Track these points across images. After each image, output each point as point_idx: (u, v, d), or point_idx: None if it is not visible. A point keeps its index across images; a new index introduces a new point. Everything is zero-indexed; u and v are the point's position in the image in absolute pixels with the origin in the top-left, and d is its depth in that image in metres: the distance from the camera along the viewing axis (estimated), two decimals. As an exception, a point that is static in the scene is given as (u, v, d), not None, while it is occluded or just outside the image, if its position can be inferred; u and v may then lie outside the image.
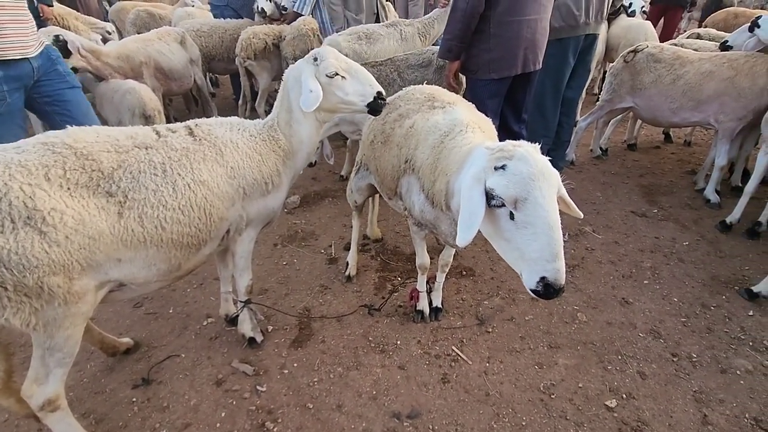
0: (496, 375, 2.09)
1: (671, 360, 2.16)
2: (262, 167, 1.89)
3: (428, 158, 1.79)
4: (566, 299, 2.56)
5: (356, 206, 2.62)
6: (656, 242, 3.08)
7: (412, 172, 1.91)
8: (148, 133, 1.69)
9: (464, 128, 1.78)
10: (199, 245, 1.71)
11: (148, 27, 5.78)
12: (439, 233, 1.96)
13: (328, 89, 1.87)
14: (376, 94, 1.89)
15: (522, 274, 1.32)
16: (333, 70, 1.82)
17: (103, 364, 2.14)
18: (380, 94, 1.90)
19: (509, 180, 1.26)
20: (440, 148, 1.77)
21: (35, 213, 1.30)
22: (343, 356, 2.19)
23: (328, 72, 1.82)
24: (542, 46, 2.93)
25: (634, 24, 5.02)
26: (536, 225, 1.24)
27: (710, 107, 3.27)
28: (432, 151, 1.79)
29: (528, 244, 1.26)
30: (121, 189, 1.49)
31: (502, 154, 1.31)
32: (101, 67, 3.43)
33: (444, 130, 1.81)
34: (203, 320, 2.42)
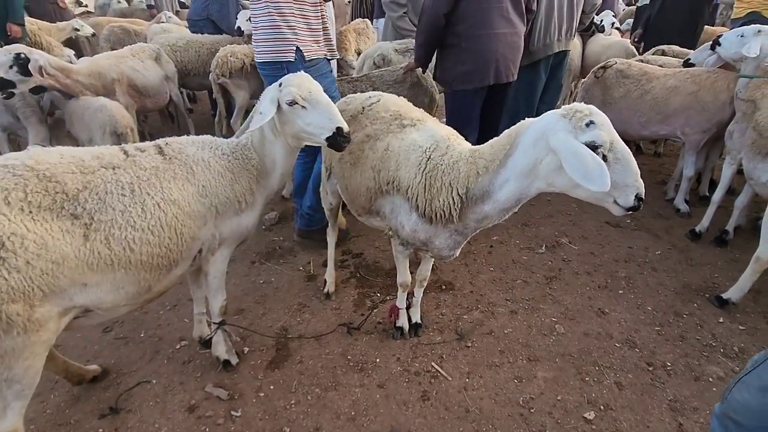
0: (475, 390, 2.07)
1: (647, 369, 2.19)
2: (234, 185, 1.86)
3: (416, 177, 1.83)
4: (544, 311, 2.58)
5: (331, 209, 2.61)
6: (630, 252, 3.15)
7: (397, 192, 1.92)
8: (115, 152, 1.65)
9: (448, 141, 1.86)
10: (170, 266, 1.67)
11: (122, 43, 5.70)
12: (431, 248, 1.97)
13: (290, 116, 1.83)
14: (335, 129, 1.80)
15: (617, 200, 1.54)
16: (291, 98, 1.78)
17: (68, 393, 2.04)
18: (340, 130, 1.81)
19: (602, 130, 1.46)
20: (431, 165, 1.81)
21: (-8, 239, 1.25)
22: (321, 376, 2.15)
23: (287, 99, 1.80)
24: (515, 60, 3.03)
25: (614, 42, 5.20)
26: (625, 158, 1.50)
27: (677, 120, 3.39)
28: (418, 169, 1.83)
29: (623, 175, 1.50)
30: (87, 210, 1.45)
31: (582, 115, 1.49)
32: (71, 84, 3.35)
33: (426, 147, 1.86)
34: (176, 343, 2.34)
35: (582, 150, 1.42)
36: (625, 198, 1.53)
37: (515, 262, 3.03)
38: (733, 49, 2.97)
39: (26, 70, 3.10)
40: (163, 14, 8.03)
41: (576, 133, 1.47)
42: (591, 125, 1.46)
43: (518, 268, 2.98)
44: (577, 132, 1.47)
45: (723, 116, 3.19)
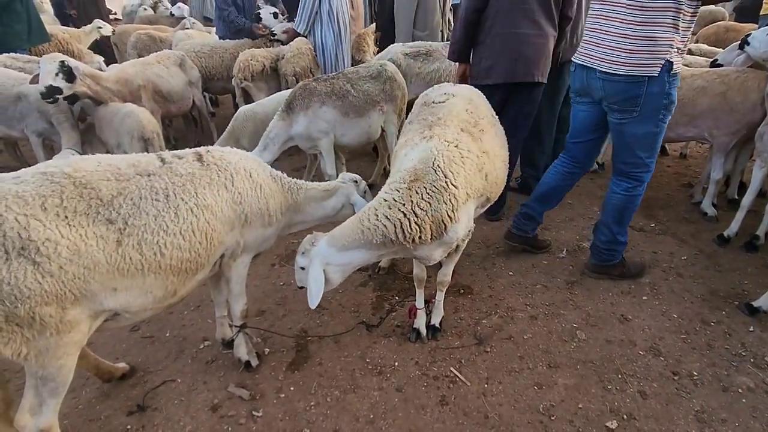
0: (494, 396, 2.06)
1: (672, 378, 2.13)
2: (270, 200, 1.98)
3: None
4: (565, 317, 2.54)
5: None
6: (654, 257, 3.07)
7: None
8: (151, 160, 1.71)
9: (403, 178, 1.88)
10: (196, 270, 1.72)
11: (149, 50, 5.88)
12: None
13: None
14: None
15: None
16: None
17: (99, 390, 2.12)
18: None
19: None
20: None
21: (29, 244, 1.31)
22: (340, 379, 2.17)
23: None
24: (538, 61, 3.03)
25: None
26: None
27: (704, 122, 3.29)
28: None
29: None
30: (122, 216, 1.51)
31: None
32: (101, 91, 3.49)
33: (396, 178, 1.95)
34: (200, 343, 2.40)
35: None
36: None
37: (535, 267, 3.00)
38: (763, 48, 2.88)
39: (71, 76, 3.24)
40: (187, 20, 8.25)
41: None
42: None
43: (538, 272, 2.94)
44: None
45: (753, 117, 3.09)
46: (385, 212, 1.80)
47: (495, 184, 2.13)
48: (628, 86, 2.30)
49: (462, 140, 1.97)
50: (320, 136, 3.42)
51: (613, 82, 2.34)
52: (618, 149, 2.57)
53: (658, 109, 2.34)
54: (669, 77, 2.27)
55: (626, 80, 2.29)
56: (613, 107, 2.42)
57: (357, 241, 1.82)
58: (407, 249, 1.86)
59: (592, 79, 2.44)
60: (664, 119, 2.39)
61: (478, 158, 1.98)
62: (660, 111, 2.35)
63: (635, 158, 2.49)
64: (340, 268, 1.88)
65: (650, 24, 2.19)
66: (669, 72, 2.26)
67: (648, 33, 2.20)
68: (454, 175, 1.84)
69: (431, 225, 1.81)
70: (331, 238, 1.85)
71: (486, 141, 2.08)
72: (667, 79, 2.27)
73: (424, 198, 1.80)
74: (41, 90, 3.08)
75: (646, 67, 2.25)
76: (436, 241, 1.88)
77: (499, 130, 2.33)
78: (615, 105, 2.40)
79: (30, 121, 3.64)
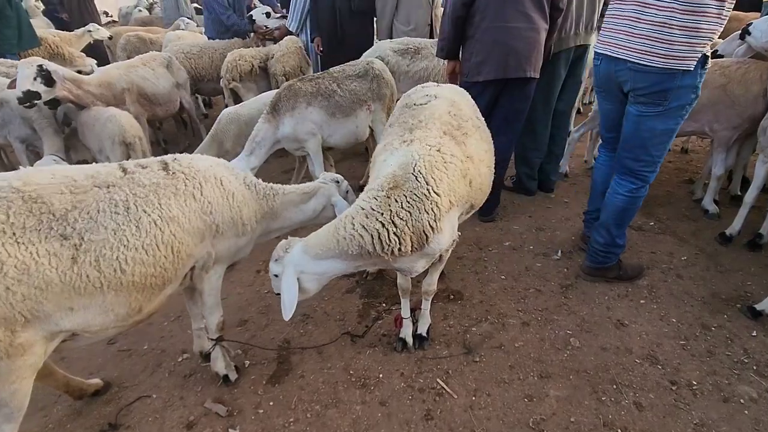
0: (482, 410, 1.97)
1: (670, 388, 2.03)
2: (243, 209, 1.88)
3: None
4: (558, 323, 2.44)
5: None
6: (653, 257, 2.96)
7: None
8: (112, 170, 1.62)
9: (380, 186, 1.78)
10: (162, 285, 1.63)
11: (138, 51, 5.79)
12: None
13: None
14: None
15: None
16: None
17: (71, 407, 2.04)
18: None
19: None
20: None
21: (-30, 264, 1.23)
22: (321, 392, 2.08)
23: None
24: (530, 55, 2.92)
25: None
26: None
27: (704, 116, 3.16)
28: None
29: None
30: (77, 231, 1.42)
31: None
32: (82, 95, 3.41)
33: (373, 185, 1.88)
34: (178, 356, 2.32)
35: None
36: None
37: (528, 270, 2.89)
38: (765, 38, 2.75)
39: (50, 80, 3.16)
40: (181, 21, 8.17)
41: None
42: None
43: (531, 275, 2.84)
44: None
45: (755, 110, 2.96)
46: (361, 221, 1.69)
47: (480, 190, 2.03)
48: (660, 78, 2.15)
49: (445, 144, 1.86)
50: (307, 137, 3.32)
51: (644, 73, 2.19)
52: (629, 144, 2.40)
53: (683, 105, 2.22)
54: (701, 71, 2.15)
55: (660, 72, 2.14)
56: (639, 98, 2.28)
57: (332, 250, 1.72)
58: (386, 261, 1.76)
59: (621, 71, 2.28)
60: (686, 115, 2.28)
61: (462, 163, 1.87)
62: (685, 107, 2.23)
63: (647, 155, 2.36)
64: (316, 277, 1.79)
65: (693, 12, 2.00)
66: (703, 66, 2.13)
67: (690, 23, 2.01)
68: (437, 182, 1.73)
69: (412, 236, 1.71)
70: (306, 245, 1.76)
71: (470, 145, 1.97)
72: (700, 72, 2.15)
73: (404, 207, 1.69)
74: (18, 95, 3.00)
75: (683, 60, 2.08)
76: (417, 253, 1.78)
77: (484, 133, 2.22)
78: (642, 97, 2.25)
79: (13, 128, 3.57)
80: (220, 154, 3.39)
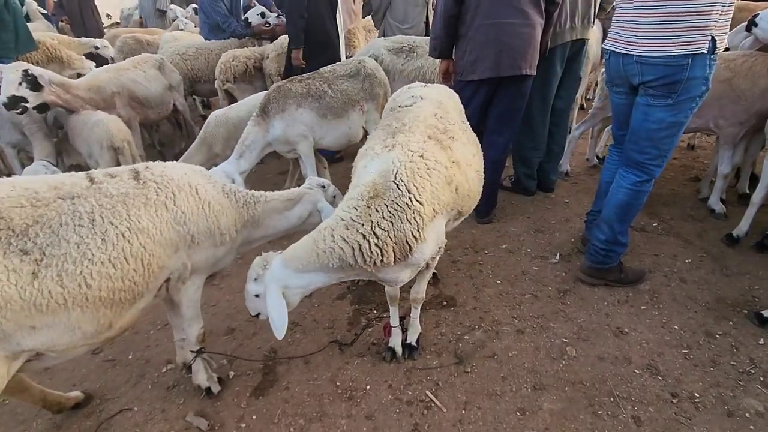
0: (472, 424, 1.88)
1: (670, 401, 1.93)
2: (220, 218, 1.82)
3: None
4: (554, 330, 2.34)
5: None
6: (656, 260, 2.84)
7: None
8: (78, 181, 1.56)
9: (360, 195, 1.70)
10: (133, 299, 1.57)
11: (135, 53, 5.74)
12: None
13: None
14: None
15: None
16: None
17: (51, 421, 2.00)
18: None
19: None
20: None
21: None
22: (306, 405, 2.02)
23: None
24: (525, 52, 2.82)
25: None
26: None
27: (709, 112, 3.03)
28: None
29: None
30: (38, 245, 1.36)
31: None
32: (71, 99, 3.36)
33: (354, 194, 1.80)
34: (162, 366, 2.27)
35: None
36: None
37: (525, 274, 2.80)
38: (774, 29, 2.61)
39: (35, 84, 3.13)
40: (180, 21, 8.14)
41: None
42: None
43: (528, 280, 2.74)
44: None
45: (763, 105, 2.83)
46: (341, 233, 1.61)
47: (467, 197, 1.93)
48: (670, 70, 2.12)
49: (428, 149, 1.77)
50: (298, 139, 3.26)
51: (653, 65, 2.16)
52: (636, 136, 2.35)
53: (693, 98, 2.18)
54: (711, 59, 2.10)
55: (667, 63, 2.11)
56: (649, 90, 2.24)
57: (312, 264, 1.64)
58: (369, 272, 1.68)
59: (629, 64, 2.25)
60: (695, 109, 2.23)
61: (447, 170, 1.78)
62: (695, 99, 2.19)
63: (654, 148, 2.31)
64: (299, 291, 1.72)
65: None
66: (713, 52, 2.08)
67: (692, 7, 1.99)
68: (419, 190, 1.65)
69: (394, 246, 1.63)
70: (285, 259, 1.68)
71: (456, 150, 1.88)
72: (709, 62, 2.10)
73: (385, 217, 1.61)
74: (3, 100, 2.97)
75: (692, 45, 2.04)
76: (401, 263, 1.70)
77: (471, 135, 2.13)
78: (652, 88, 2.22)
79: (3, 132, 3.56)
80: (210, 158, 3.34)
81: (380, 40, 4.15)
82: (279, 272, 1.66)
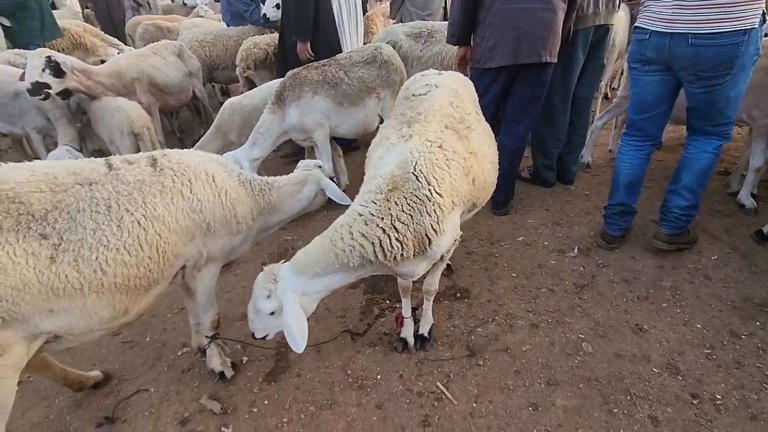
0: (483, 418, 1.87)
1: (690, 402, 1.87)
2: (237, 206, 1.82)
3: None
4: (570, 326, 2.29)
5: None
6: (679, 256, 2.74)
7: None
8: (96, 167, 1.58)
9: (378, 188, 1.65)
10: (148, 286, 1.59)
11: (156, 40, 5.81)
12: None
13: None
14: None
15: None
16: None
17: (72, 399, 2.06)
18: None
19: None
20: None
21: (-57, 264, 1.20)
22: (317, 392, 2.03)
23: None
24: (544, 39, 2.72)
25: None
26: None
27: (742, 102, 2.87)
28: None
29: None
30: (57, 230, 1.38)
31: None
32: (93, 86, 3.42)
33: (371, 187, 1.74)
34: (178, 350, 2.32)
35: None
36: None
37: (541, 267, 2.74)
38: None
39: (58, 71, 3.18)
40: (200, 8, 8.17)
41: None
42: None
43: (544, 274, 2.68)
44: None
45: (803, 95, 2.67)
46: (360, 230, 1.56)
47: (483, 189, 1.88)
48: (725, 50, 2.11)
49: (446, 140, 1.72)
50: (314, 128, 3.24)
51: (708, 47, 2.13)
52: (706, 115, 2.41)
53: (748, 68, 2.23)
54: (760, 30, 2.10)
55: (723, 43, 2.10)
56: (702, 74, 2.23)
57: (331, 265, 1.58)
58: (388, 267, 1.65)
59: (680, 47, 2.20)
60: (750, 73, 2.28)
61: (465, 160, 1.73)
62: (749, 69, 2.24)
63: (725, 119, 2.40)
64: (318, 295, 1.67)
65: None
66: (763, 24, 2.08)
67: None
68: (438, 182, 1.60)
69: (414, 240, 1.59)
70: (296, 265, 1.61)
71: (473, 140, 1.82)
72: (760, 34, 2.11)
73: (404, 210, 1.56)
74: (27, 86, 3.03)
75: (744, 20, 2.06)
76: (419, 257, 1.67)
77: (486, 126, 2.07)
78: (706, 72, 2.21)
79: (29, 118, 3.64)
80: (225, 146, 3.35)
81: (398, 25, 4.07)
82: (293, 281, 1.59)
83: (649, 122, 2.56)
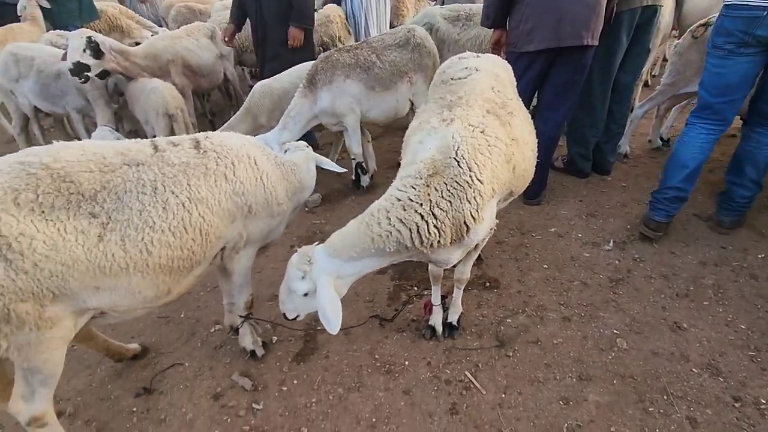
0: (512, 409, 1.85)
1: (732, 405, 1.80)
2: (278, 188, 1.85)
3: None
4: (604, 320, 2.23)
5: None
6: (723, 253, 2.62)
7: None
8: (143, 148, 1.60)
9: (415, 174, 1.61)
10: (191, 267, 1.62)
11: (188, 22, 5.86)
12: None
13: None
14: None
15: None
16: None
17: (113, 369, 2.16)
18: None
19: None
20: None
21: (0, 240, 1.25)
22: (345, 375, 2.05)
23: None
24: (587, 20, 2.59)
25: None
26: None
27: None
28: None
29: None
30: (105, 210, 1.42)
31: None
32: (130, 67, 3.48)
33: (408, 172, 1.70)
34: (211, 327, 2.38)
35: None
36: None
37: (574, 260, 2.67)
38: None
39: (98, 52, 3.26)
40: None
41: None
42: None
43: (577, 266, 2.61)
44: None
45: None
46: (398, 215, 1.53)
47: (522, 177, 1.83)
48: None
49: (489, 125, 1.67)
50: (346, 112, 3.21)
51: None
52: None
53: None
54: None
55: None
56: None
57: (367, 250, 1.56)
58: (423, 254, 1.63)
59: None
60: None
61: (507, 147, 1.68)
62: None
63: None
64: (350, 279, 1.67)
65: None
66: None
67: None
68: (480, 168, 1.56)
69: (452, 227, 1.56)
70: (331, 248, 1.60)
71: (515, 126, 1.76)
72: None
73: (444, 196, 1.53)
74: (69, 66, 3.12)
75: None
76: (455, 244, 1.64)
77: (526, 113, 1.99)
78: None
79: (70, 98, 3.76)
80: (255, 128, 3.37)
81: (436, 7, 3.98)
82: (328, 264, 1.59)
83: (728, 105, 2.45)
